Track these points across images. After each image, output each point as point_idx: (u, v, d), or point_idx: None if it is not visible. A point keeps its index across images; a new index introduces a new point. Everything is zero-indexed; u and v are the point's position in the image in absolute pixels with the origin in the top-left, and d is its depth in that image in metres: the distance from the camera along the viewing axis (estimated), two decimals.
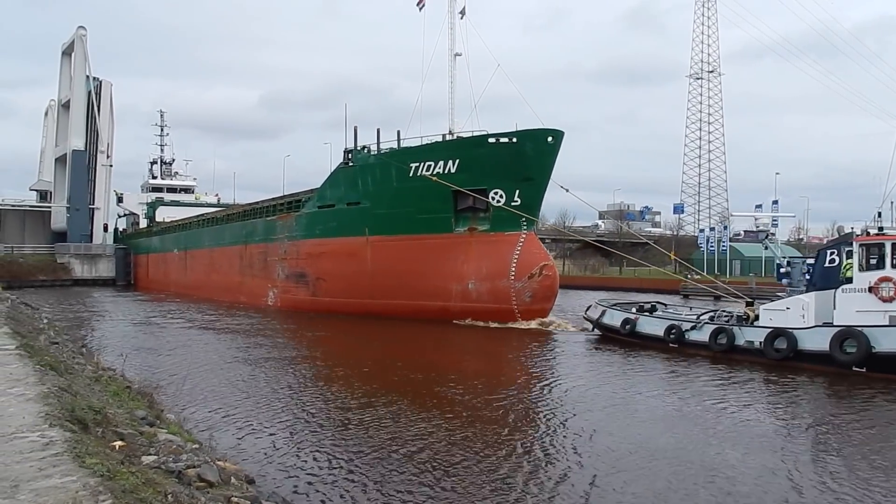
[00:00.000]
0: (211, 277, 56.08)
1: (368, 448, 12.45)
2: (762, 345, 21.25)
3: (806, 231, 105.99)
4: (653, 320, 25.28)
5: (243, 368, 21.55)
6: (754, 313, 23.47)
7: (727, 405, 16.11)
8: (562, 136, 34.29)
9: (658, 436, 13.30)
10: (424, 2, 39.82)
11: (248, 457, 11.68)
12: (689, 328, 23.55)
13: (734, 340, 22.10)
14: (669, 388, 18.28)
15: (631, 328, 25.47)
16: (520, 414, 15.55)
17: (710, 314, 25.03)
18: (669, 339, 23.84)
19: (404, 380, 20.11)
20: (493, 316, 33.36)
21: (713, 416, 14.97)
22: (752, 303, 24.22)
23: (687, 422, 14.54)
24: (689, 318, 24.80)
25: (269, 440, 13.04)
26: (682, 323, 24.06)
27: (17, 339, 14.12)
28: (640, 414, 15.26)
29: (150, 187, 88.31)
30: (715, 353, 22.40)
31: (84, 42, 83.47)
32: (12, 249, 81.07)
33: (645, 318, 25.57)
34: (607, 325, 26.95)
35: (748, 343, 21.82)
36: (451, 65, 38.54)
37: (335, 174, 39.49)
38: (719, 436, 13.30)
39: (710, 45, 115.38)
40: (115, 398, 10.67)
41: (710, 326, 23.08)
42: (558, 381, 19.45)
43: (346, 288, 38.16)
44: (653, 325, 24.91)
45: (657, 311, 27.10)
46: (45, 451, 6.17)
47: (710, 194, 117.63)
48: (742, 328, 22.32)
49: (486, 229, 34.83)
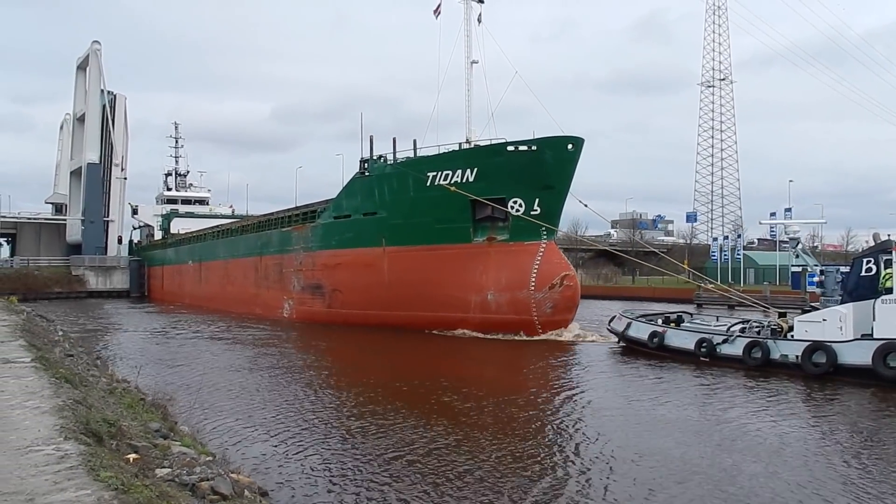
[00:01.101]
0: (226, 289, 55.71)
1: (385, 461, 12.24)
2: (799, 359, 20.38)
3: (820, 238, 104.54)
4: (682, 333, 24.43)
5: (257, 380, 21.34)
6: (787, 325, 22.63)
7: (771, 422, 15.27)
8: (582, 143, 33.60)
9: (700, 455, 12.52)
10: (440, 9, 39.35)
11: (261, 469, 11.62)
12: (720, 341, 22.71)
13: (769, 354, 21.24)
14: (711, 406, 17.42)
15: (659, 341, 24.62)
16: (558, 434, 14.81)
17: (740, 326, 24.18)
18: (700, 352, 23.00)
19: (421, 392, 19.61)
20: (512, 327, 32.63)
21: (755, 431, 14.17)
22: (784, 314, 23.36)
23: (732, 441, 13.73)
24: (719, 331, 23.94)
25: (282, 452, 12.86)
26: (712, 336, 23.21)
27: (32, 351, 14.16)
28: (684, 435, 14.44)
29: (165, 199, 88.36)
30: (749, 367, 21.56)
31: (98, 56, 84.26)
32: (28, 262, 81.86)
33: (674, 331, 24.72)
34: (633, 338, 26.11)
35: (784, 357, 20.97)
36: (467, 72, 38.05)
37: (351, 184, 38.96)
38: (765, 457, 12.49)
39: (722, 53, 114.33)
40: (129, 410, 10.72)
41: (743, 339, 22.22)
42: (587, 395, 18.63)
43: (363, 299, 37.58)
44: (682, 338, 24.07)
45: (684, 323, 26.27)
46: (59, 465, 6.21)
47: (723, 202, 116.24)
48: (777, 341, 21.45)
49: (505, 239, 34.13)
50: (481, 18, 38.85)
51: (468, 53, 37.87)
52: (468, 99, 37.95)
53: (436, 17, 41.38)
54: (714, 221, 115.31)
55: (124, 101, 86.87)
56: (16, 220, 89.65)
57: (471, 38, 38.16)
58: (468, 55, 37.89)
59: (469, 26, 38.08)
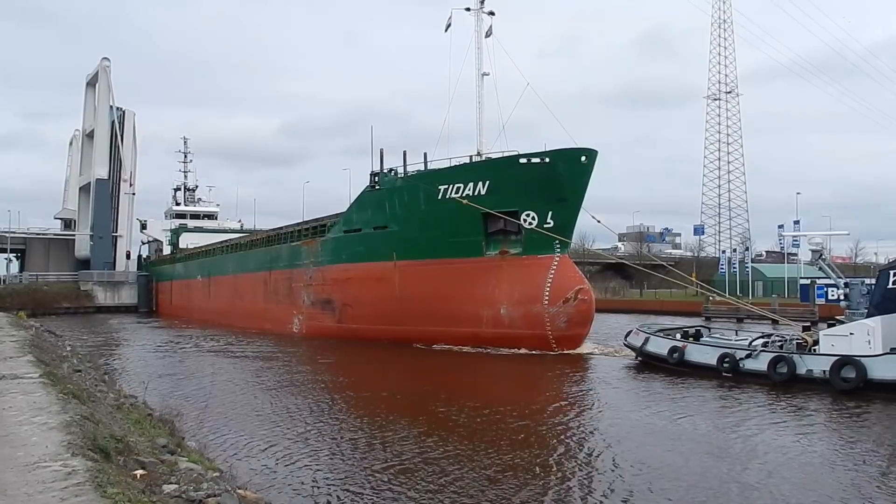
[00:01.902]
0: (235, 304, 55.33)
1: (394, 477, 12.10)
2: (827, 374, 19.77)
3: (829, 251, 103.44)
4: (703, 348, 23.81)
5: (265, 395, 21.15)
6: (812, 339, 22.04)
7: (802, 440, 14.67)
8: (595, 155, 33.18)
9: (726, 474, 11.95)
10: (451, 22, 39.13)
11: (269, 485, 11.62)
12: (744, 356, 22.09)
13: (795, 369, 20.63)
14: (737, 423, 16.80)
15: (679, 356, 24.01)
16: (580, 453, 14.25)
17: (762, 340, 23.57)
18: (723, 367, 22.38)
19: (433, 407, 19.17)
20: (526, 342, 32.08)
21: (786, 450, 13.58)
22: (808, 327, 22.76)
23: (762, 461, 13.14)
24: (740, 345, 23.33)
25: (290, 468, 12.81)
26: (735, 351, 22.60)
27: (40, 367, 14.10)
28: (709, 455, 13.86)
29: (174, 213, 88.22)
30: (774, 382, 20.94)
31: (108, 73, 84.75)
32: (37, 277, 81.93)
33: (694, 346, 24.11)
34: (652, 353, 25.50)
35: (810, 372, 20.36)
36: (478, 84, 37.69)
37: (361, 198, 38.62)
38: (799, 479, 11.91)
39: (727, 66, 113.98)
40: (136, 426, 10.73)
41: (768, 354, 21.61)
42: (608, 412, 18.03)
43: (374, 314, 37.11)
44: (703, 353, 23.45)
45: (703, 338, 25.66)
46: (67, 481, 6.19)
47: (730, 215, 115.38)
48: (803, 356, 20.84)
49: (517, 252, 33.64)
50: (491, 31, 38.61)
51: (479, 65, 37.59)
52: (479, 111, 37.60)
53: (445, 31, 41.16)
54: (721, 234, 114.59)
55: (133, 117, 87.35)
56: (25, 235, 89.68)
57: (482, 50, 37.92)
58: (479, 67, 37.61)
59: (480, 38, 37.82)
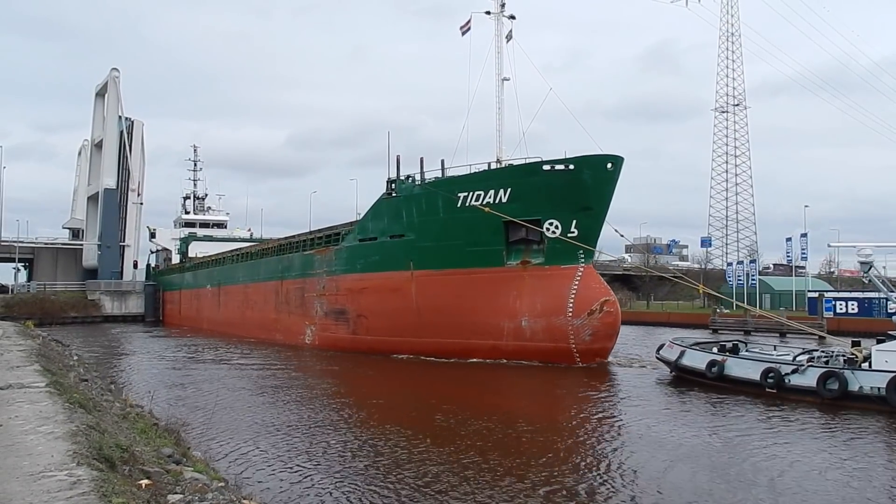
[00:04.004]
0: (245, 314, 54.22)
1: (402, 490, 11.93)
2: (883, 391, 18.52)
3: (837, 264, 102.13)
4: (744, 362, 22.55)
5: (273, 406, 21.00)
6: (862, 354, 20.77)
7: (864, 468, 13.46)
8: (621, 162, 32.07)
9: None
10: (470, 25, 38.21)
11: (274, 495, 11.56)
12: (789, 371, 20.84)
13: (847, 386, 19.37)
14: (786, 445, 15.57)
15: (718, 371, 22.76)
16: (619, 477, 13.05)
17: (806, 355, 22.32)
18: (767, 383, 21.12)
19: (446, 421, 18.52)
20: (548, 356, 30.89)
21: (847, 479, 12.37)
22: (858, 342, 21.48)
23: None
24: (784, 360, 22.09)
25: (295, 479, 12.71)
26: (780, 365, 21.34)
27: (47, 376, 14.09)
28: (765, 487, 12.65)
29: (183, 222, 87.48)
30: (823, 399, 19.68)
31: (117, 83, 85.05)
32: (45, 287, 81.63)
33: (735, 360, 22.85)
34: (688, 367, 24.25)
35: (864, 389, 19.10)
36: (498, 90, 36.66)
37: (377, 205, 37.52)
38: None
39: (735, 79, 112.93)
40: (142, 435, 10.70)
41: (816, 370, 20.36)
42: (653, 431, 16.80)
43: (389, 326, 35.94)
44: (745, 368, 22.19)
45: (742, 352, 24.41)
46: (72, 491, 6.17)
47: (737, 227, 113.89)
48: (855, 372, 19.58)
49: (540, 262, 32.47)
50: (511, 35, 37.66)
51: (499, 70, 36.59)
52: (499, 117, 36.59)
53: (462, 35, 40.24)
54: (729, 246, 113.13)
55: (142, 127, 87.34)
56: (33, 245, 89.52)
57: (502, 55, 36.94)
58: (499, 72, 36.61)
59: (500, 42, 36.86)
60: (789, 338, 43.38)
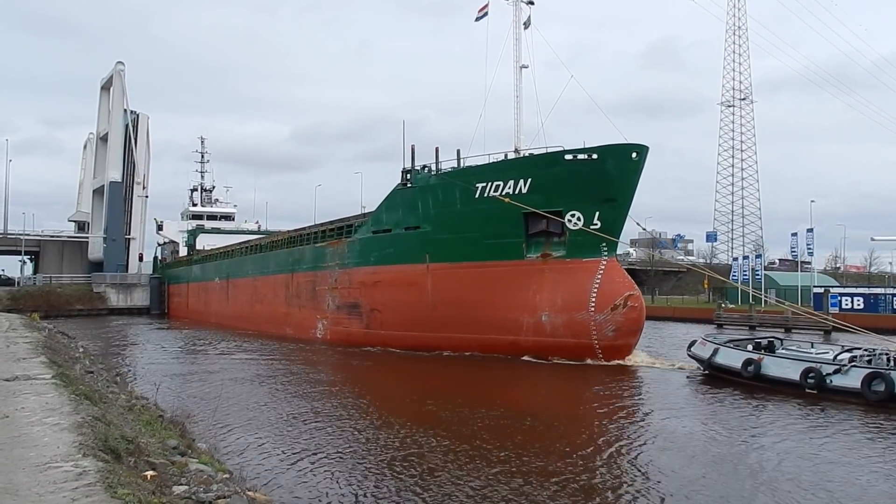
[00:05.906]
0: (254, 308, 53.29)
1: (409, 484, 11.82)
2: None
3: (843, 260, 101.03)
4: (783, 361, 21.53)
5: (279, 399, 20.83)
6: None
7: None
8: (646, 151, 31.00)
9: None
10: (487, 10, 37.09)
11: (279, 487, 11.50)
12: (831, 371, 19.83)
13: (894, 388, 18.35)
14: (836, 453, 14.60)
15: (755, 370, 21.75)
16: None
17: (847, 354, 21.31)
18: (807, 383, 20.12)
19: (457, 416, 17.95)
20: (569, 352, 29.92)
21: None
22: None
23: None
24: (824, 359, 21.08)
25: (301, 471, 12.67)
26: (821, 365, 20.33)
27: (53, 368, 14.08)
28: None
29: (191, 214, 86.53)
30: (869, 402, 18.68)
31: (122, 77, 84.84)
32: (50, 279, 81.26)
33: (773, 359, 21.83)
34: (722, 366, 23.23)
35: None
36: (516, 77, 35.57)
37: (392, 196, 36.48)
38: None
39: (742, 74, 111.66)
40: (147, 427, 10.68)
41: (860, 370, 19.35)
42: (696, 436, 15.85)
43: (404, 320, 34.99)
44: (783, 367, 21.18)
45: (779, 350, 23.40)
46: (77, 482, 6.19)
47: (743, 222, 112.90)
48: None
49: (561, 255, 31.45)
50: (530, 22, 36.54)
51: (518, 57, 35.49)
52: (518, 105, 35.49)
53: (476, 20, 39.12)
54: (734, 241, 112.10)
55: (147, 121, 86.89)
56: (39, 237, 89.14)
57: (520, 41, 35.82)
58: (517, 59, 35.52)
59: (518, 28, 35.74)
60: (834, 337, 41.89)
